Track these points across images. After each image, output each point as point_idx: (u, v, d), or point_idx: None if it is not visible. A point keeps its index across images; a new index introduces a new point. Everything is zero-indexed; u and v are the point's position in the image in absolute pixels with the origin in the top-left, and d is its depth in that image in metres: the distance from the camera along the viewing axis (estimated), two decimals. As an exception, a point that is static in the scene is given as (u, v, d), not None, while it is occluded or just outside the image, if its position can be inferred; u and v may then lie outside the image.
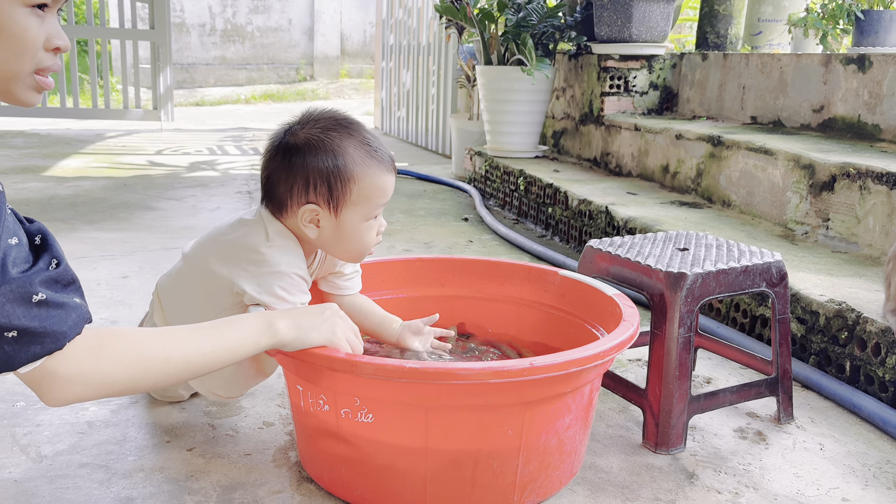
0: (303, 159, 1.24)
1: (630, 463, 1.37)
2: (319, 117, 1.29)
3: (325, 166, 1.24)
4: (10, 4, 0.86)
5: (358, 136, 1.27)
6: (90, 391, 0.94)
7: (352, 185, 1.25)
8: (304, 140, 1.25)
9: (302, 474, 1.30)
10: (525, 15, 3.61)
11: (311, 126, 1.27)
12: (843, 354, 1.70)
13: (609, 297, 1.42)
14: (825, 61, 2.84)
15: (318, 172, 1.24)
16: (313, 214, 1.26)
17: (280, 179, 1.27)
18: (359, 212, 1.27)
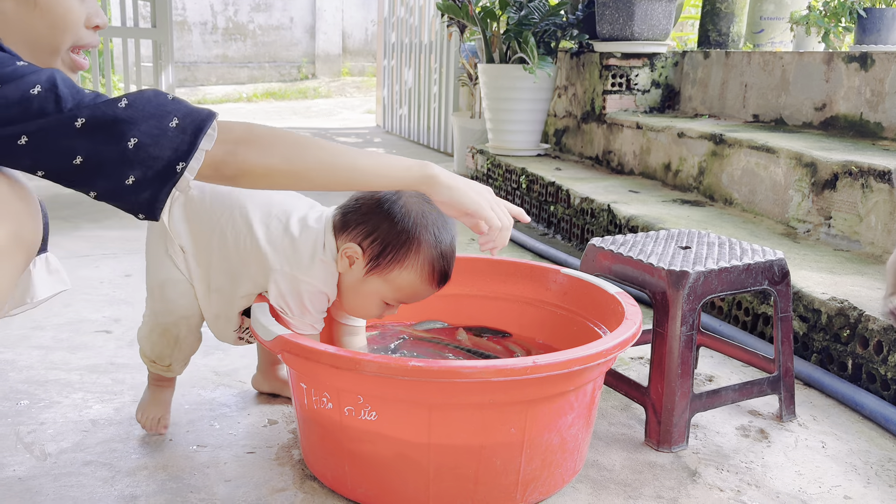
0: (388, 214, 1.26)
1: (632, 461, 1.38)
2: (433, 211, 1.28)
3: (394, 236, 1.26)
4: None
5: (440, 238, 1.27)
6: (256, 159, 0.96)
7: (395, 268, 1.27)
8: (407, 204, 1.27)
9: (305, 472, 1.31)
10: (527, 13, 3.61)
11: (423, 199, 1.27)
12: (845, 352, 1.70)
13: (611, 295, 1.42)
14: (827, 59, 2.83)
15: (386, 234, 1.26)
16: (354, 256, 1.28)
17: (362, 209, 1.28)
18: (384, 288, 1.29)
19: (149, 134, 0.89)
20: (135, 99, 0.91)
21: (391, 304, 1.32)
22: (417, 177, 1.08)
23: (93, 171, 0.89)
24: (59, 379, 1.65)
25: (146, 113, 0.90)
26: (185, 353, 1.41)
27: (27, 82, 0.86)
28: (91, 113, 0.87)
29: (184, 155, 0.91)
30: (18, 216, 0.93)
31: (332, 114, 8.93)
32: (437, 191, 1.09)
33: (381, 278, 1.28)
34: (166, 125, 0.91)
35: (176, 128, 0.91)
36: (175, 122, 0.91)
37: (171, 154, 0.90)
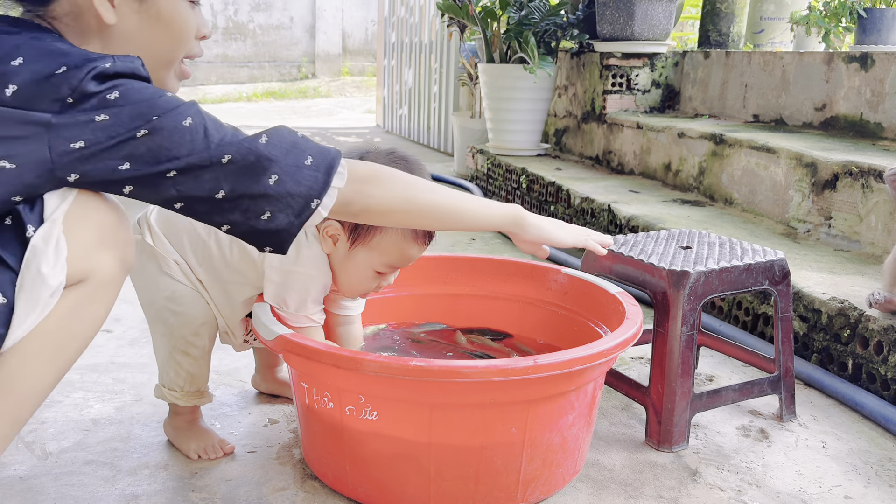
0: None
1: (633, 460, 1.38)
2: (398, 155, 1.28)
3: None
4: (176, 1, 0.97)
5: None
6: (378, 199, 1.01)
7: (376, 232, 1.26)
8: None
9: (306, 471, 1.31)
10: (527, 13, 3.61)
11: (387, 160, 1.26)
12: (845, 352, 1.70)
13: (612, 295, 1.42)
14: (827, 59, 2.84)
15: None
16: (335, 232, 1.27)
17: None
18: (371, 257, 1.28)
19: (287, 171, 0.92)
20: (272, 135, 0.93)
21: (383, 271, 1.30)
22: (510, 218, 1.17)
23: (232, 206, 0.92)
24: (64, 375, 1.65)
25: (284, 150, 0.93)
26: (208, 367, 1.36)
27: (180, 114, 0.88)
28: (236, 149, 0.90)
29: (318, 192, 0.94)
30: (126, 244, 0.96)
31: (332, 113, 8.93)
32: (527, 230, 1.18)
33: (365, 247, 1.27)
34: (302, 163, 0.94)
35: (310, 165, 0.94)
36: (309, 160, 0.94)
37: (307, 191, 0.94)
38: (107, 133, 0.84)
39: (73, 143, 0.84)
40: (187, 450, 1.35)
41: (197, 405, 1.37)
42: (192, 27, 1.00)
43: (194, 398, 1.35)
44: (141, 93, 0.87)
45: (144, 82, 0.89)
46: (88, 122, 0.84)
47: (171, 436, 1.38)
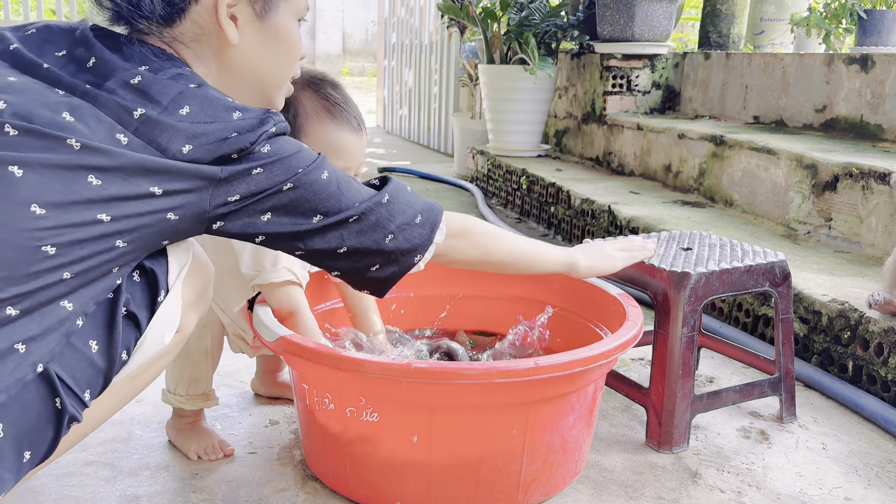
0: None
1: (633, 462, 1.38)
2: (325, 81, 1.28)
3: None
4: (292, 18, 1.00)
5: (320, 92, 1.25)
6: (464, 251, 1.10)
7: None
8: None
9: (307, 472, 1.31)
10: (528, 14, 3.61)
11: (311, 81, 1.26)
12: (845, 354, 1.70)
13: (613, 296, 1.42)
14: (828, 61, 2.84)
15: None
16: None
17: None
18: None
19: (401, 229, 1.00)
20: (392, 194, 1.00)
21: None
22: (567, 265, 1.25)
23: (348, 257, 0.99)
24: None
25: (400, 209, 1.00)
26: (214, 368, 1.37)
27: (318, 167, 0.93)
28: (363, 210, 0.96)
29: (422, 248, 1.03)
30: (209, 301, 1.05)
31: (333, 114, 8.92)
32: (581, 273, 1.27)
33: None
34: (413, 221, 1.01)
35: (419, 224, 1.02)
36: (419, 218, 1.02)
37: (413, 247, 1.02)
38: (260, 186, 0.89)
39: (231, 196, 0.88)
40: (188, 450, 1.35)
41: (202, 408, 1.37)
42: (302, 44, 1.03)
43: (199, 402, 1.36)
44: (288, 146, 0.91)
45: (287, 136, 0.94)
46: (247, 176, 0.88)
47: (173, 436, 1.38)
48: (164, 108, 0.84)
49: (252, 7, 0.95)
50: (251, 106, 0.91)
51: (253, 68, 0.99)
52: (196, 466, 1.32)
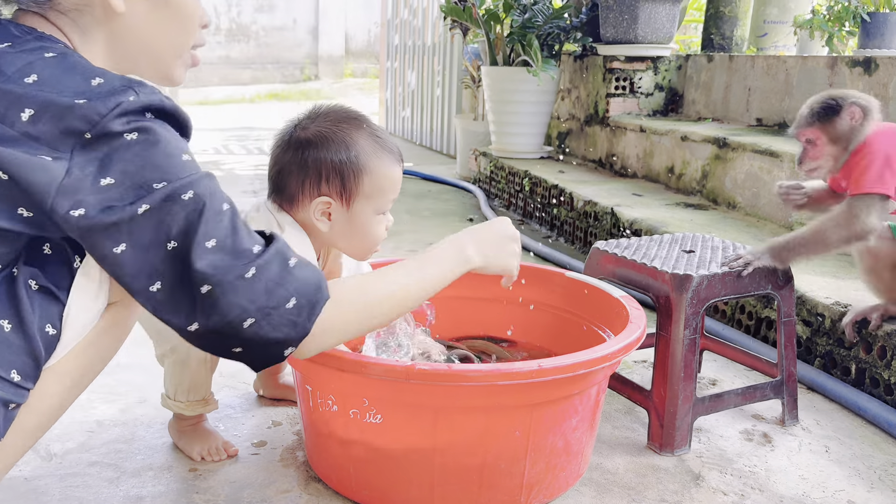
0: (315, 153, 1.23)
1: (636, 464, 1.38)
2: (329, 112, 1.28)
3: (338, 159, 1.23)
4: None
5: (367, 129, 1.27)
6: (335, 339, 0.97)
7: (364, 177, 1.24)
8: (316, 133, 1.24)
9: (310, 474, 1.31)
10: (531, 16, 3.62)
11: (321, 120, 1.26)
12: (848, 357, 1.70)
13: (616, 298, 1.42)
14: (831, 63, 2.84)
15: (331, 165, 1.23)
16: (326, 207, 1.25)
17: (292, 173, 1.25)
18: (371, 204, 1.26)
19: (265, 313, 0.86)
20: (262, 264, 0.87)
21: (383, 210, 1.28)
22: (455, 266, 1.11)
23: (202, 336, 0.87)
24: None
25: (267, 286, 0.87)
26: (212, 374, 1.36)
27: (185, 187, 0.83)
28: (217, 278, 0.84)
29: (294, 341, 0.90)
30: None
31: (335, 115, 8.92)
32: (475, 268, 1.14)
33: (361, 198, 1.25)
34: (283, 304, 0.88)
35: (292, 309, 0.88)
36: (292, 301, 0.88)
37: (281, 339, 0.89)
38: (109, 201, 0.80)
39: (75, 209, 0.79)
40: (191, 452, 1.35)
41: (201, 413, 1.38)
42: (198, 13, 0.97)
43: (198, 407, 1.36)
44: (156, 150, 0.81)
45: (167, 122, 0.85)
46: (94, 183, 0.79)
47: (176, 438, 1.39)
48: (8, 77, 0.79)
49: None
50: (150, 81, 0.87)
51: (144, 38, 0.92)
52: (199, 467, 1.32)
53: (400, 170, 1.29)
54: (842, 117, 1.48)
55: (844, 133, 1.49)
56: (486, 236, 1.16)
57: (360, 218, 1.26)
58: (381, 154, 1.25)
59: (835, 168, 1.53)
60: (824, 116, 1.50)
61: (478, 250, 1.13)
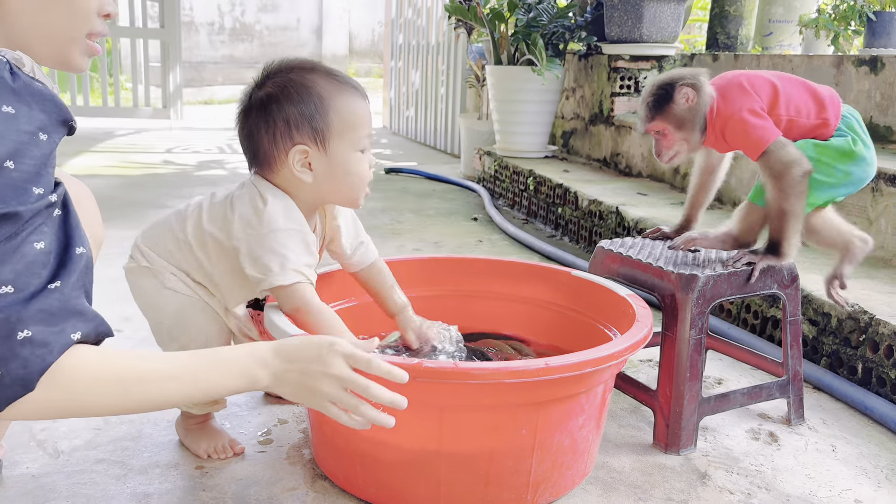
0: (277, 105, 1.23)
1: (642, 463, 1.38)
2: (280, 65, 1.27)
3: (301, 104, 1.22)
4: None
5: (322, 70, 1.27)
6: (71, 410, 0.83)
7: (331, 115, 1.23)
8: (273, 87, 1.24)
9: (316, 471, 1.31)
10: (535, 15, 3.62)
11: (275, 74, 1.26)
12: (854, 356, 1.70)
13: (622, 297, 1.42)
14: (837, 62, 2.83)
15: (296, 112, 1.22)
16: (303, 156, 1.23)
17: (261, 131, 1.24)
18: (346, 141, 1.25)
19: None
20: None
21: (363, 146, 1.27)
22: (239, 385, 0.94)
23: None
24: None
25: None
26: None
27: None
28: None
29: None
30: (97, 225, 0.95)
31: (339, 114, 8.93)
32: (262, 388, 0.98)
33: (335, 137, 1.24)
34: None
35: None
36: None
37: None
38: None
39: None
40: (197, 449, 1.36)
41: (210, 413, 1.39)
42: (91, 3, 0.92)
43: (208, 406, 1.36)
44: None
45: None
46: None
47: (182, 436, 1.39)
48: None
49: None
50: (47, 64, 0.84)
51: (32, 20, 0.87)
52: (206, 465, 1.33)
53: (365, 103, 1.28)
54: (676, 102, 1.45)
55: (686, 115, 1.46)
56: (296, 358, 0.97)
57: (338, 157, 1.24)
58: (342, 89, 1.25)
59: (694, 146, 1.50)
60: (660, 107, 1.47)
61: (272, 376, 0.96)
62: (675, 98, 1.45)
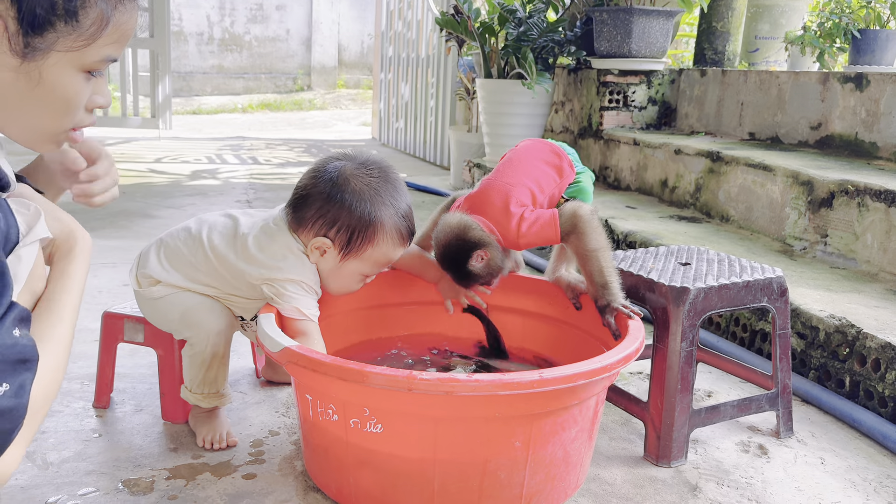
0: (344, 200, 1.32)
1: (633, 475, 1.38)
2: (377, 169, 1.36)
3: (358, 218, 1.32)
4: (66, 68, 0.84)
5: (398, 204, 1.36)
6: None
7: (368, 246, 1.35)
8: (357, 187, 1.33)
9: (308, 483, 1.31)
10: (525, 29, 3.64)
11: (367, 174, 1.35)
12: (842, 369, 1.72)
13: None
14: (823, 79, 2.87)
15: (350, 220, 1.32)
16: (325, 247, 1.35)
17: (314, 204, 1.34)
18: (360, 267, 1.37)
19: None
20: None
21: (370, 274, 1.40)
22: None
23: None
24: (60, 388, 1.64)
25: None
26: (227, 370, 1.46)
27: None
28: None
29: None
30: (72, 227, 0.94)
31: (328, 126, 8.95)
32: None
33: (357, 259, 1.35)
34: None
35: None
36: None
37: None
38: None
39: None
40: (198, 434, 1.44)
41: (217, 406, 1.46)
42: (80, 99, 0.87)
43: (215, 399, 1.44)
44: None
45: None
46: None
47: (192, 423, 1.47)
48: None
49: (8, 42, 0.79)
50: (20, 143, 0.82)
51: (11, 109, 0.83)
52: (197, 478, 1.32)
53: (401, 252, 1.40)
54: (473, 266, 1.42)
55: (485, 269, 1.44)
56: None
57: (345, 271, 1.38)
58: (394, 235, 1.35)
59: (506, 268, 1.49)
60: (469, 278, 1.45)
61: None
62: (471, 263, 1.42)
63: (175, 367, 1.49)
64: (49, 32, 0.80)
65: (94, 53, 0.84)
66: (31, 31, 0.79)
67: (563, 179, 1.51)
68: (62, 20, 0.80)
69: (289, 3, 11.30)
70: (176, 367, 1.49)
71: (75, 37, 0.82)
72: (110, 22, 0.84)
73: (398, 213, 1.35)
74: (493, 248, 1.42)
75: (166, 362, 1.50)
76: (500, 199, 1.44)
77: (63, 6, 0.80)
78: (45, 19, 0.79)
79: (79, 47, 0.83)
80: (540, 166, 1.50)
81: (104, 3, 0.83)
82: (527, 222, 1.40)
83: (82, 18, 0.82)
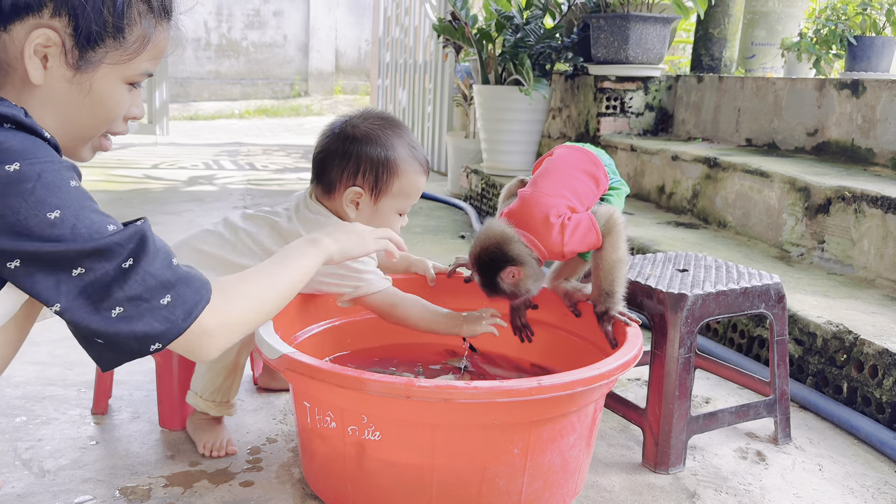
0: (359, 147, 1.40)
1: (632, 482, 1.38)
2: (378, 116, 1.45)
3: (376, 157, 1.40)
4: (113, 80, 0.95)
5: (406, 138, 1.44)
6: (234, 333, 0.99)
7: (394, 179, 1.41)
8: (363, 131, 1.41)
9: (306, 491, 1.30)
10: (523, 35, 3.65)
11: (371, 120, 1.43)
12: (840, 376, 1.72)
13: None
14: (819, 86, 2.88)
15: (369, 162, 1.40)
16: (356, 196, 1.41)
17: (334, 162, 1.41)
18: (394, 203, 1.43)
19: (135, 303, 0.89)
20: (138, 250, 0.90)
21: (403, 210, 1.46)
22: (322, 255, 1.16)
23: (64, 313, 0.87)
24: (56, 395, 1.64)
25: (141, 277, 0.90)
26: (239, 381, 1.47)
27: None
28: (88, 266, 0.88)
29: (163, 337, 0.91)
30: None
31: (325, 131, 8.93)
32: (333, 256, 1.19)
33: (388, 196, 1.42)
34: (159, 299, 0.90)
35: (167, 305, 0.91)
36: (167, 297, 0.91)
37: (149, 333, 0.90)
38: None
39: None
40: (198, 442, 1.44)
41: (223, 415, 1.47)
42: (122, 109, 0.98)
43: (224, 409, 1.46)
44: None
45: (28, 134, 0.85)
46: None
47: (192, 430, 1.47)
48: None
49: (65, 56, 0.90)
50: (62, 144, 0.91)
51: (52, 113, 0.93)
52: (194, 486, 1.31)
53: (425, 180, 1.47)
54: (502, 279, 1.38)
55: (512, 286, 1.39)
56: (336, 230, 1.25)
57: (382, 212, 1.43)
58: (414, 163, 1.43)
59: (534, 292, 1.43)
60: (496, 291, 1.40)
61: (331, 240, 1.20)
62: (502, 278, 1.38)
63: (173, 375, 1.49)
64: (100, 48, 0.91)
65: (136, 67, 0.96)
66: (85, 46, 0.90)
67: (599, 189, 1.50)
68: (112, 37, 0.92)
69: (286, 9, 11.32)
70: (174, 375, 1.49)
71: (122, 52, 0.93)
72: (151, 40, 0.96)
73: (409, 145, 1.43)
74: (528, 268, 1.38)
75: (164, 370, 1.50)
76: (541, 214, 1.41)
77: (113, 24, 0.91)
78: (98, 35, 0.90)
79: (124, 61, 0.94)
80: (578, 175, 1.48)
81: (147, 22, 0.94)
82: (568, 229, 1.39)
83: (128, 35, 0.93)
